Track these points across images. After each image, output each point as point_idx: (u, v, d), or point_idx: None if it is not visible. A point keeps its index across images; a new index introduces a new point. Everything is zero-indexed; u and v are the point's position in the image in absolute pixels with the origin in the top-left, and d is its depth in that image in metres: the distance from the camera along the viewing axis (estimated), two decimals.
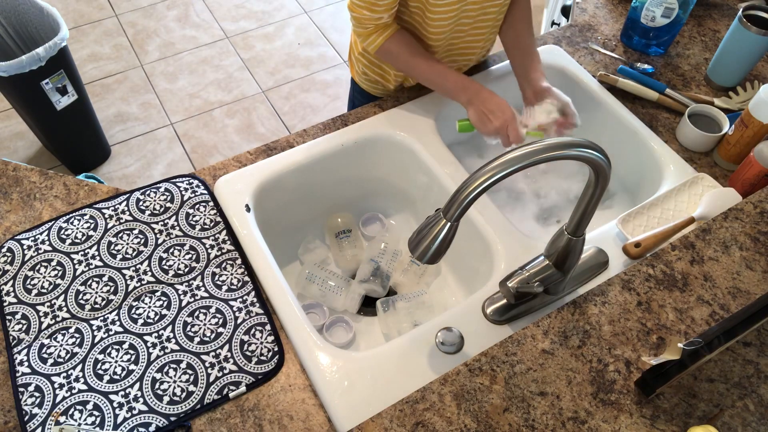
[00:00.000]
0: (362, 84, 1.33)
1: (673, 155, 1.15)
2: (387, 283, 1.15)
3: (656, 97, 1.23)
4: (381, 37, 1.09)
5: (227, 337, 0.91)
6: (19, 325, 0.92)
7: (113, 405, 0.84)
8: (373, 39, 1.09)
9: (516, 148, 0.66)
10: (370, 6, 1.04)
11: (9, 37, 2.13)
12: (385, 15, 1.06)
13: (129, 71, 2.67)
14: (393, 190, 1.27)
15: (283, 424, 0.84)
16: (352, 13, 1.07)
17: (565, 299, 0.95)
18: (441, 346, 0.89)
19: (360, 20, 1.07)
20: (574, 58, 1.33)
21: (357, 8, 1.05)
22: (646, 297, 0.88)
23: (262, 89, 2.63)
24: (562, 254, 0.84)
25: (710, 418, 0.77)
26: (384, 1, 1.03)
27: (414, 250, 0.75)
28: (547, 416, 0.77)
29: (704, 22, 1.41)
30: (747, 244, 0.93)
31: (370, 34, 1.09)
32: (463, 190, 0.68)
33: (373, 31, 1.09)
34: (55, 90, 1.99)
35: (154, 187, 1.08)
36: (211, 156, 2.39)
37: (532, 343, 0.83)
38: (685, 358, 0.71)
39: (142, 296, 0.95)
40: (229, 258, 1.00)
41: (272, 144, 1.15)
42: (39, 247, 1.00)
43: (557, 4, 2.50)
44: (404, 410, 0.77)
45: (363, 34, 1.10)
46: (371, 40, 1.10)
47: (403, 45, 1.11)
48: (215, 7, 2.97)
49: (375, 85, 1.31)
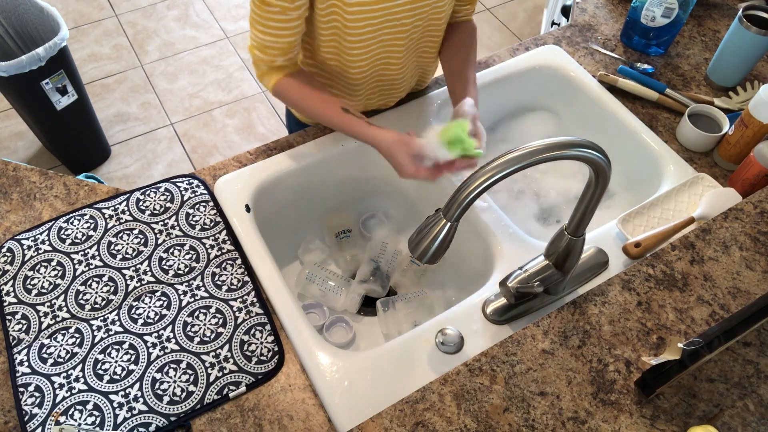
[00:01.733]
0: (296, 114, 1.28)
1: (673, 155, 1.15)
2: (387, 283, 1.15)
3: (656, 97, 1.23)
4: (274, 79, 1.04)
5: (227, 337, 0.91)
6: (19, 325, 0.92)
7: (113, 405, 0.84)
8: (267, 80, 1.04)
9: (516, 149, 0.67)
10: (263, 47, 0.99)
11: (9, 37, 2.13)
12: (279, 59, 1.01)
13: (129, 71, 2.67)
14: (393, 190, 1.27)
15: (283, 424, 0.84)
16: (249, 51, 1.03)
17: (565, 299, 0.95)
18: (441, 346, 0.89)
19: (254, 60, 1.03)
20: (574, 58, 1.33)
21: (251, 47, 1.01)
22: (646, 297, 0.88)
23: (262, 89, 2.63)
24: (562, 254, 0.84)
25: (710, 418, 0.77)
26: (277, 45, 0.98)
27: (414, 250, 0.75)
28: (547, 416, 0.77)
29: (704, 22, 1.41)
30: (747, 244, 0.93)
31: (263, 75, 1.04)
32: (463, 190, 0.68)
33: (266, 72, 1.04)
34: (55, 90, 1.99)
35: (154, 187, 1.08)
36: (211, 156, 2.39)
37: (532, 343, 0.83)
38: (685, 358, 0.71)
39: (142, 296, 0.95)
40: (229, 258, 1.00)
41: (272, 144, 1.15)
42: (39, 247, 1.00)
43: (557, 4, 2.50)
44: (404, 410, 0.77)
45: (258, 74, 1.05)
46: (265, 81, 1.05)
47: (295, 85, 1.04)
48: (215, 7, 2.97)
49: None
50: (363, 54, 1.04)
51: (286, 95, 1.06)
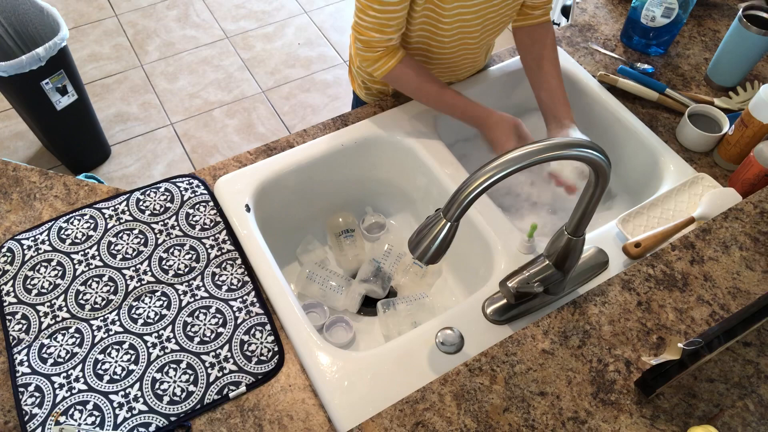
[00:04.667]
0: (365, 99, 1.30)
1: (673, 155, 1.15)
2: (388, 284, 1.15)
3: (656, 97, 1.23)
4: (391, 62, 1.03)
5: (227, 337, 0.91)
6: (19, 325, 0.92)
7: (113, 405, 0.84)
8: (381, 64, 1.04)
9: (516, 148, 0.67)
10: (380, 27, 0.98)
11: (9, 37, 2.13)
12: (395, 36, 1.01)
13: (129, 71, 2.67)
14: (393, 190, 1.27)
15: (283, 424, 0.84)
16: (360, 36, 1.01)
17: (565, 299, 0.95)
18: (441, 346, 0.89)
19: (369, 43, 1.01)
20: (574, 58, 1.33)
21: (365, 30, 1.00)
22: (646, 297, 0.88)
23: (262, 89, 2.63)
24: (562, 254, 0.84)
25: (710, 418, 0.77)
26: (394, 20, 0.97)
27: (414, 250, 0.75)
28: (547, 416, 0.77)
29: (704, 22, 1.41)
30: (747, 244, 0.93)
31: (378, 58, 1.03)
32: (463, 190, 0.68)
33: (383, 55, 1.03)
34: (55, 90, 1.99)
35: (154, 187, 1.08)
36: (211, 156, 2.39)
37: (532, 343, 0.83)
38: (685, 358, 0.71)
39: (142, 296, 0.95)
40: (229, 258, 1.00)
41: (272, 144, 1.15)
42: (39, 247, 1.00)
43: (557, 4, 2.50)
44: (404, 410, 0.77)
45: (371, 59, 1.04)
46: (379, 65, 1.04)
47: (412, 70, 1.06)
48: (215, 7, 2.97)
49: (377, 98, 1.28)
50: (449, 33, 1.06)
51: (405, 80, 1.08)
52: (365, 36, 1.01)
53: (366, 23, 0.99)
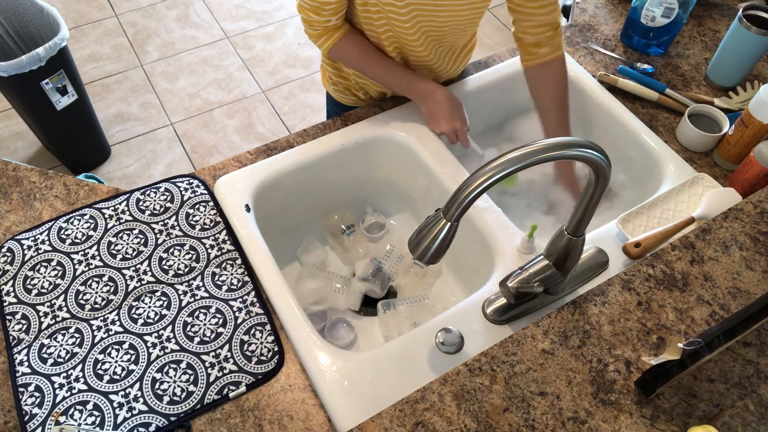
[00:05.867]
0: (333, 93, 1.32)
1: (673, 155, 1.15)
2: (387, 284, 1.15)
3: (656, 97, 1.23)
4: (330, 40, 1.09)
5: (227, 337, 0.91)
6: (19, 325, 0.92)
7: (113, 405, 0.84)
8: (323, 41, 1.09)
9: (516, 148, 0.67)
10: (317, 10, 1.03)
11: (9, 37, 2.13)
12: (332, 18, 1.05)
13: (129, 71, 2.67)
14: (393, 190, 1.27)
15: (283, 424, 0.84)
16: (300, 14, 1.07)
17: (565, 299, 0.95)
18: (441, 346, 0.89)
19: (308, 22, 1.07)
20: (574, 58, 1.33)
21: (304, 10, 1.05)
22: (646, 297, 0.88)
23: (262, 89, 2.63)
24: (562, 254, 0.84)
25: (710, 418, 0.77)
26: (330, 5, 1.02)
27: (414, 250, 0.75)
28: (547, 416, 0.77)
29: (704, 22, 1.41)
30: (747, 244, 0.93)
31: (319, 36, 1.09)
32: (463, 190, 0.68)
33: (323, 33, 1.08)
34: (55, 90, 1.99)
35: (154, 187, 1.08)
36: (211, 156, 2.39)
37: (532, 343, 0.83)
38: (685, 358, 0.71)
39: (142, 296, 0.95)
40: (229, 258, 1.00)
41: (272, 144, 1.15)
42: (39, 247, 1.00)
43: None
44: (404, 410, 0.77)
45: (313, 35, 1.10)
46: (321, 41, 1.10)
47: (354, 46, 1.10)
48: (215, 7, 2.97)
49: (344, 94, 1.30)
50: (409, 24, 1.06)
51: (347, 54, 1.11)
52: (304, 15, 1.06)
53: (305, 4, 1.04)
